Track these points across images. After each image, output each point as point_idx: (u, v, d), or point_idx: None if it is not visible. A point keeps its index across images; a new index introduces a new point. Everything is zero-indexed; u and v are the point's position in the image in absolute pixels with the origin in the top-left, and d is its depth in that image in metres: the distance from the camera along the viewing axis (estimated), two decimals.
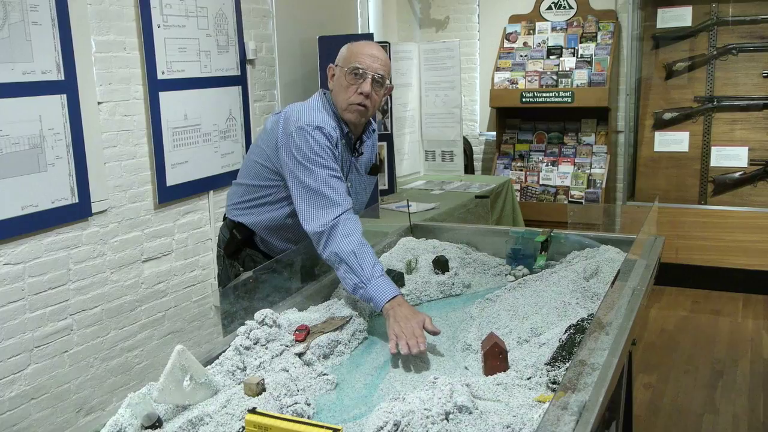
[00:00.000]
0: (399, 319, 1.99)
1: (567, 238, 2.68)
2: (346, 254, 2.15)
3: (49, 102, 3.09)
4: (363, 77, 2.39)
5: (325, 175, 2.29)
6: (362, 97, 2.39)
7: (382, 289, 2.09)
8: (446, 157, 5.65)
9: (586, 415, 1.44)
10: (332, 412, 1.67)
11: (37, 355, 3.15)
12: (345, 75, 2.40)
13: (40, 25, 3.03)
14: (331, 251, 2.19)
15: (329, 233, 2.21)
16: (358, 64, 2.38)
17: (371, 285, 2.09)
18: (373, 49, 2.43)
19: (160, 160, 3.66)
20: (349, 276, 2.13)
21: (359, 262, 2.13)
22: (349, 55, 2.43)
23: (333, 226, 2.22)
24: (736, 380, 3.98)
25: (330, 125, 2.38)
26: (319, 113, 2.40)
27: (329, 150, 2.34)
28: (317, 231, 2.23)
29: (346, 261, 2.14)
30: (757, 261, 5.27)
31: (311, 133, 2.32)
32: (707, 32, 5.65)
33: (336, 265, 2.19)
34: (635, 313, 1.97)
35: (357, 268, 2.12)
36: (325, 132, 2.34)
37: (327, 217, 2.24)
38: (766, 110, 5.50)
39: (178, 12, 3.72)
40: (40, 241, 3.12)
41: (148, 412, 1.53)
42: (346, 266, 2.14)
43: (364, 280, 2.10)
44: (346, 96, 2.41)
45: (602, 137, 5.98)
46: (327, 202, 2.26)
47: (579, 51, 5.94)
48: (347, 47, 2.46)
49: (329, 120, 2.40)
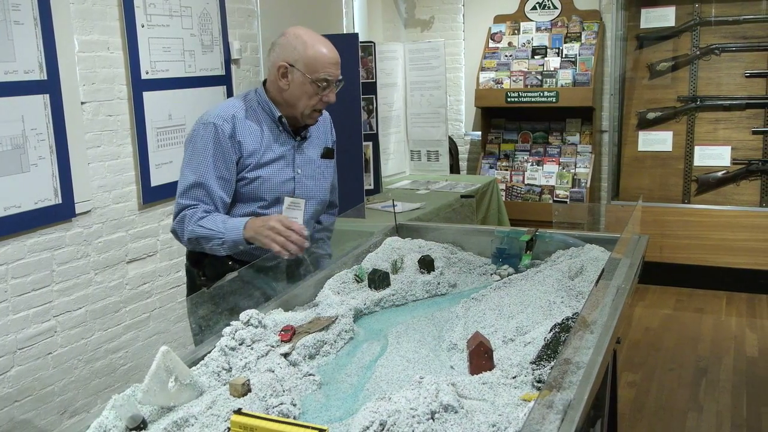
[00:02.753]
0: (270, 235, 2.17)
1: (552, 238, 2.69)
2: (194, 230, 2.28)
3: (31, 102, 3.06)
4: (329, 87, 2.39)
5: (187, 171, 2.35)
6: (326, 104, 2.43)
7: (235, 228, 2.25)
8: (432, 157, 5.66)
9: (571, 414, 1.45)
10: (318, 412, 1.66)
11: (21, 357, 3.12)
12: (309, 83, 2.36)
13: (22, 24, 3.00)
14: (188, 236, 2.31)
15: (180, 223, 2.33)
16: (327, 76, 2.37)
17: (226, 233, 2.25)
18: (333, 53, 2.39)
19: (144, 161, 3.64)
20: (211, 243, 2.27)
21: (208, 227, 2.27)
22: (313, 61, 2.35)
23: (182, 217, 2.32)
24: (720, 378, 4.01)
25: (224, 115, 2.37)
26: (216, 109, 2.41)
27: (219, 139, 2.34)
28: (172, 229, 2.39)
29: (199, 234, 2.28)
30: (740, 259, 5.32)
31: (200, 131, 2.36)
32: (690, 32, 5.70)
33: (200, 245, 2.31)
34: (619, 312, 1.98)
35: (208, 232, 2.27)
36: (216, 126, 2.34)
37: (176, 210, 2.34)
38: (748, 110, 5.55)
39: (162, 11, 3.70)
40: (23, 243, 3.10)
41: (132, 413, 1.52)
42: (204, 238, 2.28)
43: (220, 235, 2.25)
44: (309, 103, 2.40)
45: (587, 137, 6.01)
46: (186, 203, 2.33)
47: (563, 51, 5.97)
48: (305, 46, 2.36)
49: (228, 110, 2.40)
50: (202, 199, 2.33)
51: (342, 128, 4.18)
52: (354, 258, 2.64)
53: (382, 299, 2.35)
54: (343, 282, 2.42)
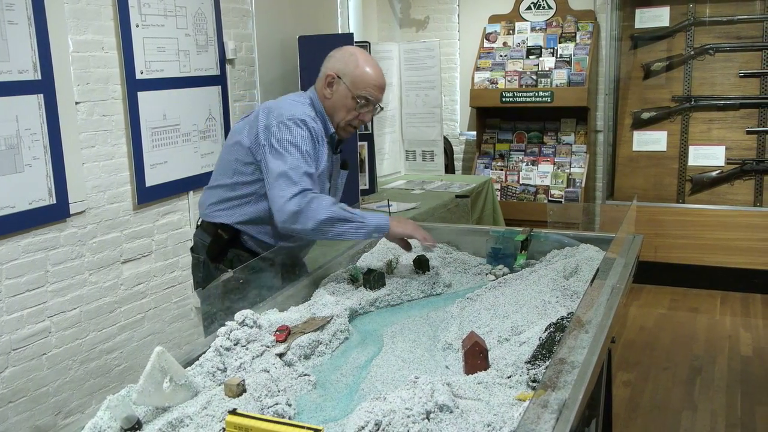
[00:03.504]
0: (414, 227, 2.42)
1: (547, 237, 2.70)
2: (335, 212, 2.27)
3: (25, 102, 3.05)
4: (369, 107, 2.48)
5: (300, 163, 2.32)
6: (361, 122, 2.53)
7: (378, 217, 2.38)
8: (427, 157, 5.66)
9: (566, 413, 1.45)
10: (313, 412, 1.66)
11: (15, 357, 3.12)
12: (351, 98, 2.44)
13: (16, 24, 2.99)
14: (322, 218, 2.26)
15: (306, 207, 2.26)
16: (369, 96, 2.46)
17: (368, 218, 2.33)
18: (382, 78, 2.48)
19: (138, 161, 3.63)
20: (347, 226, 2.29)
21: (349, 211, 2.31)
22: (359, 79, 2.44)
23: (308, 200, 2.27)
24: (714, 377, 4.02)
25: (312, 117, 2.42)
26: (303, 108, 2.43)
27: (311, 141, 2.37)
28: (293, 210, 2.26)
29: (339, 216, 2.27)
30: (734, 259, 5.33)
31: (290, 126, 2.35)
32: (684, 32, 5.71)
33: (328, 228, 2.28)
34: (614, 311, 1.99)
35: (350, 215, 2.29)
36: (309, 125, 2.38)
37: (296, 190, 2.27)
38: (742, 110, 5.57)
39: (157, 11, 3.69)
40: (17, 243, 3.09)
41: (127, 414, 1.51)
42: (341, 221, 2.28)
43: (362, 220, 2.31)
44: (346, 116, 2.48)
45: (581, 137, 6.02)
46: (300, 188, 2.28)
47: (558, 51, 5.98)
48: (354, 64, 2.46)
49: (311, 114, 2.44)
50: (310, 187, 2.32)
51: None
52: (349, 258, 2.64)
53: (378, 299, 2.35)
54: (338, 282, 2.42)
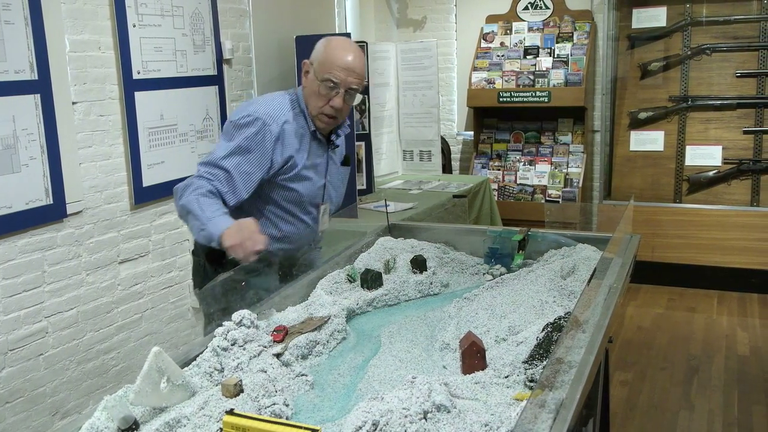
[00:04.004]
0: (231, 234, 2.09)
1: (544, 237, 2.70)
2: (190, 201, 2.20)
3: (22, 102, 3.05)
4: (336, 90, 2.36)
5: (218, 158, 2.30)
6: (333, 110, 2.39)
7: (218, 224, 2.14)
8: (424, 157, 5.66)
9: (564, 413, 1.45)
10: (311, 412, 1.66)
11: (12, 358, 3.11)
12: (318, 82, 2.36)
13: (12, 24, 2.99)
14: (180, 203, 2.24)
15: (183, 188, 2.25)
16: (333, 77, 2.34)
17: (210, 224, 2.14)
18: (350, 58, 2.36)
19: (136, 161, 3.63)
20: (193, 222, 2.19)
21: (201, 207, 2.18)
22: (325, 60, 2.36)
23: (188, 183, 2.26)
24: (711, 377, 4.03)
25: (276, 117, 2.36)
26: (266, 106, 2.38)
27: (261, 139, 2.32)
28: (177, 187, 2.29)
29: (190, 208, 2.19)
30: (731, 258, 5.34)
31: (238, 122, 2.33)
32: (681, 32, 5.72)
33: (184, 216, 2.24)
34: (611, 311, 1.99)
35: (199, 212, 2.17)
36: (264, 124, 2.32)
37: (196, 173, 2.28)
38: (739, 110, 5.57)
39: (154, 11, 3.69)
40: (14, 243, 3.09)
41: (124, 414, 1.51)
42: (191, 214, 2.19)
43: (205, 222, 2.15)
44: (317, 103, 2.39)
45: (579, 137, 6.02)
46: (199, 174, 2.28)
47: (555, 51, 5.99)
48: (324, 47, 2.39)
49: (278, 111, 2.38)
50: (219, 180, 2.29)
51: None
52: (346, 258, 2.64)
53: (375, 299, 2.35)
54: (336, 282, 2.42)
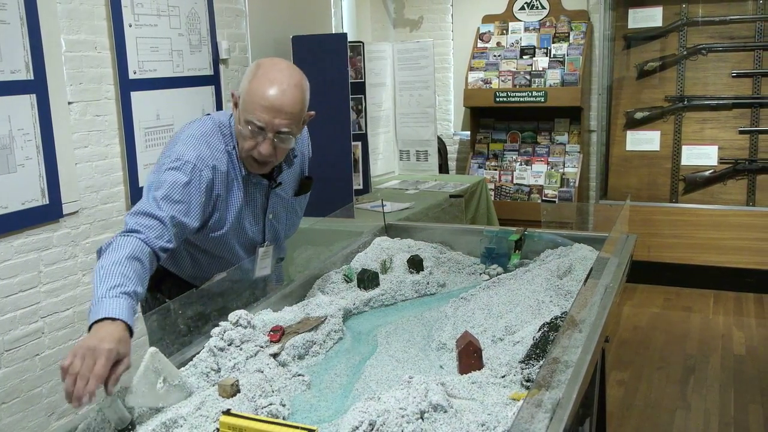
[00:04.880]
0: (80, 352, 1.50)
1: (541, 237, 2.70)
2: (99, 272, 1.72)
3: (18, 102, 3.04)
4: (263, 136, 2.01)
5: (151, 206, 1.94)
6: (261, 156, 2.05)
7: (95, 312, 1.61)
8: (421, 157, 5.66)
9: (560, 413, 1.46)
10: (307, 412, 1.66)
11: (8, 358, 3.10)
12: (243, 123, 2.01)
13: (8, 23, 2.98)
14: (96, 266, 1.78)
15: (105, 248, 1.83)
16: (255, 120, 1.98)
17: (95, 306, 1.63)
18: (275, 93, 1.97)
19: (132, 161, 3.62)
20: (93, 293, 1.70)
21: (101, 280, 1.69)
22: (247, 96, 2.00)
23: (110, 241, 1.84)
24: (708, 376, 4.03)
25: (207, 162, 2.05)
26: (197, 148, 2.05)
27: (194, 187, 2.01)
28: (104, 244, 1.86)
29: (97, 279, 1.71)
30: (727, 258, 5.35)
31: (177, 168, 2.00)
32: (677, 32, 5.72)
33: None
34: (608, 311, 1.99)
35: (96, 285, 1.68)
36: (196, 170, 2.01)
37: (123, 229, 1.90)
38: (735, 110, 5.58)
39: (150, 11, 3.69)
40: (9, 243, 3.08)
41: (120, 415, 1.51)
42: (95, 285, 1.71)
43: (95, 301, 1.64)
44: (244, 145, 2.05)
45: (575, 136, 6.03)
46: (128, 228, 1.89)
47: (552, 51, 5.99)
48: (250, 80, 2.01)
49: (210, 155, 2.06)
50: (153, 230, 1.90)
51: (331, 128, 4.20)
52: (343, 258, 2.64)
53: (372, 299, 2.35)
54: (332, 282, 2.42)
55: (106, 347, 1.51)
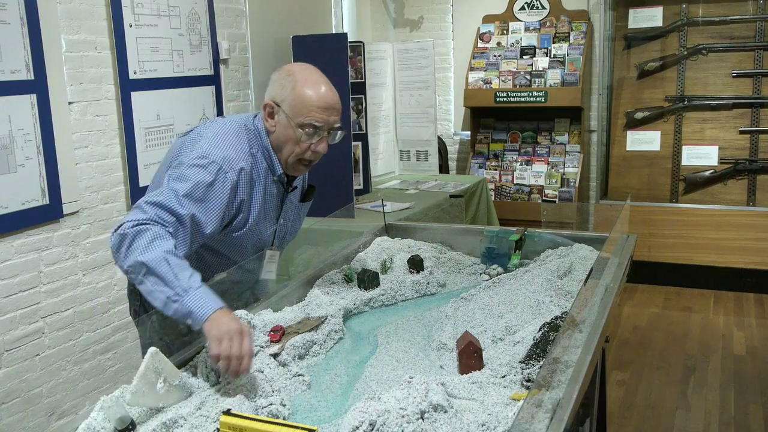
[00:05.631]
0: (222, 337, 1.66)
1: (541, 237, 2.70)
2: (156, 262, 1.75)
3: (18, 102, 3.04)
4: (319, 135, 2.07)
5: (172, 201, 1.92)
6: (315, 155, 2.11)
7: (204, 301, 1.72)
8: (421, 157, 5.66)
9: (560, 413, 1.46)
10: (308, 412, 1.66)
11: (8, 358, 3.11)
12: (294, 128, 2.05)
13: (8, 24, 2.98)
14: (136, 260, 1.77)
15: (134, 236, 1.81)
16: (315, 122, 2.04)
17: (190, 296, 1.72)
18: (327, 96, 2.06)
19: (132, 161, 3.62)
20: (160, 288, 1.74)
21: (174, 272, 1.74)
22: (297, 102, 2.04)
23: (141, 230, 1.81)
24: (708, 376, 4.03)
25: (233, 164, 2.04)
26: (224, 148, 2.04)
27: (216, 189, 1.99)
28: (119, 234, 1.83)
29: (156, 270, 1.75)
30: (727, 258, 5.35)
31: (202, 166, 1.98)
32: (678, 32, 5.72)
33: (141, 277, 1.78)
34: (608, 311, 1.99)
35: (171, 278, 1.74)
36: (222, 171, 2.00)
37: (141, 218, 1.85)
38: (735, 110, 5.58)
39: (150, 11, 3.69)
40: (10, 243, 3.08)
41: (121, 415, 1.51)
42: (156, 277, 1.75)
43: (180, 292, 1.72)
44: (294, 149, 2.09)
45: (575, 136, 6.03)
46: (148, 217, 1.87)
47: (552, 51, 5.99)
48: (292, 85, 2.06)
49: (237, 157, 2.05)
50: (170, 227, 1.90)
51: None
52: (343, 258, 2.64)
53: (372, 299, 2.35)
54: (333, 282, 2.42)
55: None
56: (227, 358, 1.64)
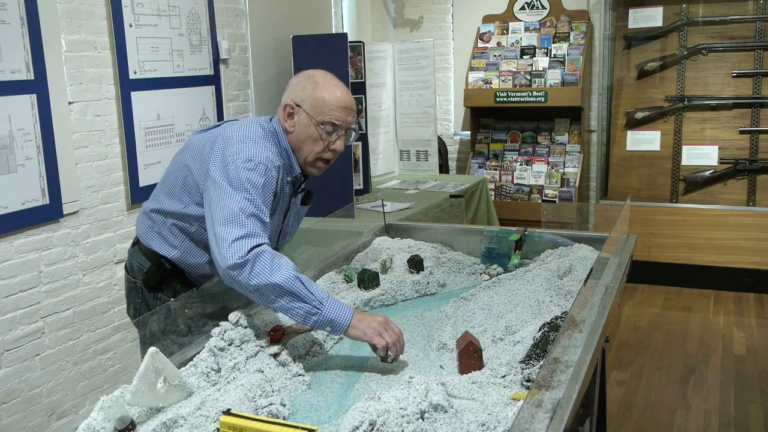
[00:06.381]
0: (380, 330, 1.87)
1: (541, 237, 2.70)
2: (289, 281, 1.86)
3: (18, 102, 3.04)
4: (337, 133, 2.18)
5: (248, 204, 1.98)
6: (333, 154, 2.22)
7: (340, 309, 1.89)
8: (421, 157, 5.66)
9: (560, 412, 1.46)
10: (308, 412, 1.66)
11: (8, 358, 3.11)
12: (315, 126, 2.15)
13: (8, 23, 2.98)
14: (268, 281, 1.86)
15: (255, 260, 1.88)
16: (334, 120, 2.15)
17: (327, 307, 1.87)
18: (346, 98, 2.18)
19: (132, 161, 3.62)
20: (297, 305, 1.86)
21: (307, 288, 1.88)
22: (318, 102, 2.15)
23: (259, 253, 1.89)
24: (708, 376, 4.03)
25: (274, 163, 2.11)
26: (264, 150, 2.11)
27: (263, 189, 2.05)
28: (237, 262, 1.87)
29: (291, 289, 1.86)
30: (727, 258, 5.35)
31: (246, 167, 2.03)
32: (678, 32, 5.72)
33: (274, 297, 1.88)
34: (608, 311, 1.99)
35: (306, 294, 1.86)
36: (268, 171, 2.07)
37: (249, 244, 1.90)
38: (735, 109, 5.58)
39: (150, 11, 3.69)
40: (10, 243, 3.08)
41: (121, 415, 1.51)
42: (291, 295, 1.86)
43: (317, 305, 1.86)
44: (314, 148, 2.19)
45: (575, 136, 6.03)
46: (248, 230, 1.93)
47: (552, 51, 5.99)
48: (312, 86, 2.17)
49: (274, 157, 2.13)
50: (261, 233, 1.96)
51: None
52: (343, 258, 2.64)
53: (372, 299, 2.35)
54: (333, 282, 2.42)
55: (384, 318, 1.93)
56: (394, 344, 1.88)
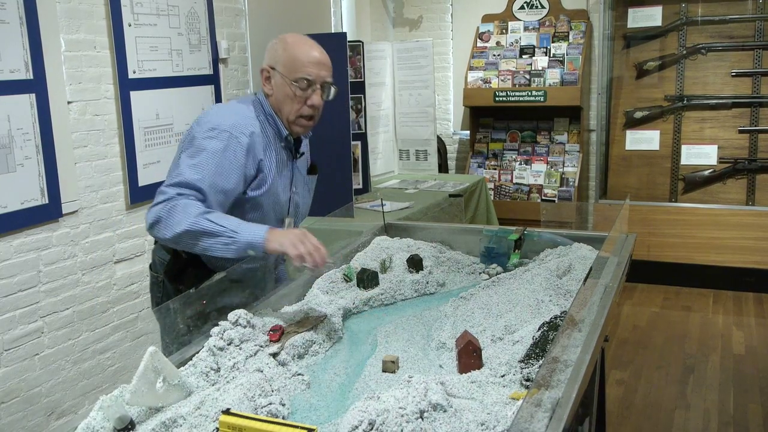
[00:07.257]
0: (295, 242, 1.93)
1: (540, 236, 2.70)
2: (197, 223, 1.97)
3: (17, 101, 3.04)
4: (312, 88, 2.26)
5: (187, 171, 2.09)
6: (313, 109, 2.29)
7: (253, 230, 1.98)
8: (420, 156, 5.66)
9: (560, 412, 1.46)
10: (307, 412, 1.66)
11: (7, 358, 3.10)
12: (290, 85, 2.24)
13: (7, 23, 2.98)
14: (181, 230, 1.98)
15: (168, 215, 2.01)
16: (306, 75, 2.23)
17: (241, 233, 1.96)
18: (317, 53, 2.26)
19: (131, 160, 3.62)
20: (214, 240, 1.96)
21: (217, 222, 1.97)
22: (290, 62, 2.24)
23: (171, 207, 2.01)
24: (707, 375, 4.03)
25: (243, 129, 2.19)
26: (229, 117, 2.20)
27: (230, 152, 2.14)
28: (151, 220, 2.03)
29: (202, 228, 1.96)
30: (726, 257, 5.35)
31: (213, 136, 2.14)
32: (677, 32, 5.73)
33: (192, 242, 1.99)
34: (607, 310, 1.99)
35: (217, 228, 1.96)
36: (233, 136, 2.16)
37: (163, 198, 2.03)
38: (734, 109, 5.59)
39: (149, 10, 3.68)
40: (9, 243, 3.08)
41: (120, 414, 1.51)
42: (205, 234, 1.96)
43: (231, 234, 1.95)
44: (293, 107, 2.27)
45: (575, 136, 6.03)
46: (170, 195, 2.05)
47: (551, 50, 5.99)
48: (284, 48, 2.26)
49: (245, 122, 2.21)
50: (193, 197, 2.07)
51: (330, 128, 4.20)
52: (343, 257, 2.64)
53: (371, 298, 2.35)
54: (332, 281, 2.42)
55: (302, 230, 1.99)
56: (309, 254, 1.91)
